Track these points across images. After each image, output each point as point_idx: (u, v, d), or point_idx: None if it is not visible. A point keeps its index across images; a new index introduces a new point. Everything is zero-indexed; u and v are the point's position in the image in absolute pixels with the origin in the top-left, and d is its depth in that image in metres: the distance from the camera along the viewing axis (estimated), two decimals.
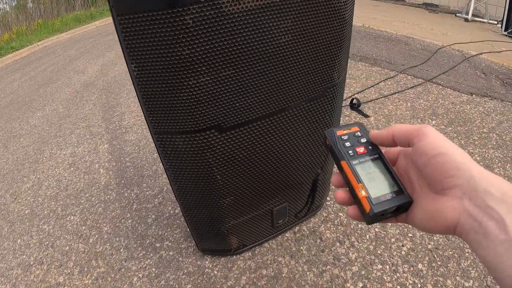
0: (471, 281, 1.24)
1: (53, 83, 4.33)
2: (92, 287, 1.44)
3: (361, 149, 0.46)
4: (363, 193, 0.41)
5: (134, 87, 0.89)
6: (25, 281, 1.58)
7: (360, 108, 2.40)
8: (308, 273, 1.33)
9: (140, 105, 0.93)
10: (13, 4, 10.58)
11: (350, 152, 0.46)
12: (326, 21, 0.91)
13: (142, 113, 2.91)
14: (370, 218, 0.40)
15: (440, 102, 2.37)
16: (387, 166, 0.43)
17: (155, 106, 0.89)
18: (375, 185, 0.41)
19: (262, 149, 1.06)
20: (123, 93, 3.50)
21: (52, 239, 1.77)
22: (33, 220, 1.96)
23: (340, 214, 1.56)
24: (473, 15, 4.53)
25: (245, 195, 1.15)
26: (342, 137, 0.48)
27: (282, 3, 0.80)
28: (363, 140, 0.47)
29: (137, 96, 0.91)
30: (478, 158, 1.84)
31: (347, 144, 0.47)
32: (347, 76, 2.88)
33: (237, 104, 0.91)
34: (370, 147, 0.46)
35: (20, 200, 2.17)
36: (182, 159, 1.01)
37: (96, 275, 1.50)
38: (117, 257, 1.56)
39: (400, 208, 0.41)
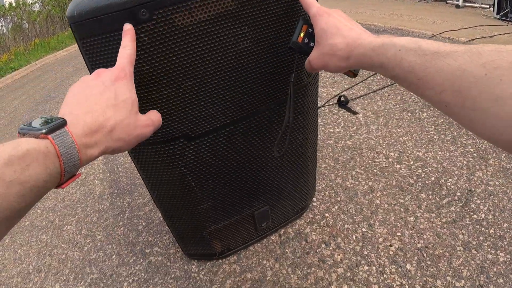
0: (463, 281, 1.21)
1: (51, 100, 4.42)
2: None
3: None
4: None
5: None
6: None
7: (348, 105, 2.40)
8: (292, 275, 1.34)
9: None
10: (10, 26, 10.78)
11: (311, 45, 0.74)
12: (285, 23, 0.91)
13: None
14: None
15: None
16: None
17: None
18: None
19: (235, 154, 1.07)
20: None
21: (50, 248, 1.82)
22: (32, 231, 2.00)
23: (327, 215, 1.57)
24: (464, 0, 4.46)
25: (223, 200, 1.17)
26: (304, 41, 0.74)
27: (237, 11, 0.82)
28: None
29: None
30: (472, 149, 1.82)
31: (307, 41, 0.74)
32: (335, 74, 2.90)
33: (203, 113, 0.93)
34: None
35: None
36: (155, 169, 1.04)
37: (90, 281, 1.53)
38: (109, 263, 1.60)
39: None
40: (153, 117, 0.63)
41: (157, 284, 1.43)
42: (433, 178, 1.69)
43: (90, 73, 0.83)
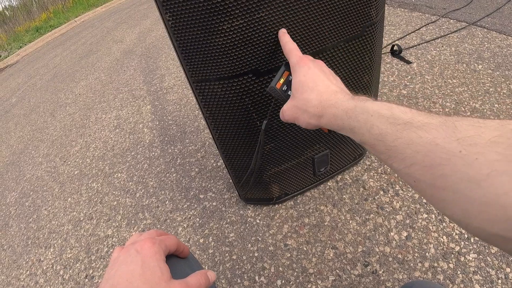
0: None
1: (93, 54, 4.45)
2: None
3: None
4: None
5: (170, 38, 0.88)
6: (75, 235, 1.69)
7: (401, 54, 2.28)
8: (351, 221, 1.32)
9: (177, 55, 0.93)
10: None
11: (289, 93, 0.70)
12: None
13: (181, 74, 2.93)
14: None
15: (486, 45, 2.19)
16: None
17: (191, 54, 0.88)
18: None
19: None
20: (162, 57, 3.54)
21: (101, 196, 1.87)
22: (82, 179, 2.07)
23: None
24: None
25: (286, 141, 1.14)
26: (282, 88, 0.70)
27: None
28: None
29: (174, 47, 0.90)
30: None
31: (285, 88, 0.71)
32: (386, 23, 2.74)
33: (273, 47, 0.89)
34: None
35: (69, 162, 2.29)
36: (221, 106, 1.01)
37: (143, 226, 1.57)
38: (162, 209, 1.63)
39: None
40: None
41: (212, 229, 1.45)
42: None
43: (158, 6, 0.80)
